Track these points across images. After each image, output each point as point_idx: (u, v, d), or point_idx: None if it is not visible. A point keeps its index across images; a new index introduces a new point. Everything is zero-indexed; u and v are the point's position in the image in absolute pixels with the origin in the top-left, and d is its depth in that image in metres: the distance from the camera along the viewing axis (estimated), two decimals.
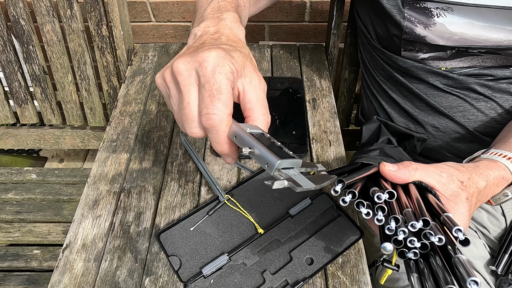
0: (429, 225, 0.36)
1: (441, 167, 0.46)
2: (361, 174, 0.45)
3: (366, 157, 0.49)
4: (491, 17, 0.56)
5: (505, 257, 0.66)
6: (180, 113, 0.38)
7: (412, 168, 0.45)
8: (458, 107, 0.65)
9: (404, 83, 0.67)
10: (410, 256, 0.38)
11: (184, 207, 0.62)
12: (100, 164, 0.68)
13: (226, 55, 0.37)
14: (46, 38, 0.91)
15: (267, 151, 0.35)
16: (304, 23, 1.28)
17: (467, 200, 0.44)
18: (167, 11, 1.25)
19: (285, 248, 0.57)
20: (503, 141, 0.55)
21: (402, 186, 0.45)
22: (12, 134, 1.05)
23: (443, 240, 0.36)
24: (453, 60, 0.62)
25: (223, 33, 0.43)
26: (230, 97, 0.37)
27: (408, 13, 0.59)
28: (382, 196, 0.39)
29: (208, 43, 0.40)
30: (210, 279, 0.54)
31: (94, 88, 0.98)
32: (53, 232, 0.89)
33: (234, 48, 0.40)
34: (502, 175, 0.49)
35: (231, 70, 0.37)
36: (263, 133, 0.39)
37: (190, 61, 0.37)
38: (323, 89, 0.82)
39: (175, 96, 0.39)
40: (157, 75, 0.40)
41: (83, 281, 0.54)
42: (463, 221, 0.44)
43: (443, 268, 0.36)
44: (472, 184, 0.46)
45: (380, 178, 0.46)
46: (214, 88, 0.36)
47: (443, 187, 0.44)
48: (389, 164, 0.45)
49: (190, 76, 0.37)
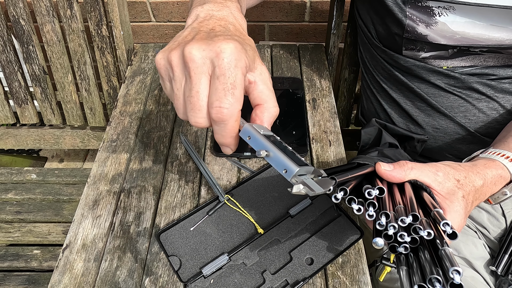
0: (419, 220, 0.37)
1: (437, 166, 0.46)
2: (355, 173, 0.46)
3: (363, 157, 0.49)
4: (493, 16, 0.56)
5: (505, 257, 0.66)
6: (186, 100, 0.37)
7: (408, 168, 0.45)
8: (459, 107, 0.65)
9: (405, 82, 0.67)
10: (400, 250, 0.39)
11: (184, 207, 0.62)
12: (100, 164, 0.68)
13: (242, 49, 0.36)
14: (46, 38, 0.91)
15: (284, 157, 0.35)
16: (304, 23, 1.28)
17: (463, 198, 0.44)
18: (167, 11, 1.25)
19: (285, 248, 0.57)
20: (502, 141, 0.55)
21: (398, 185, 0.46)
22: (12, 134, 1.05)
23: (432, 234, 0.36)
24: (455, 59, 0.62)
25: (230, 22, 0.41)
26: (242, 93, 0.36)
27: (409, 11, 0.59)
28: (373, 192, 0.40)
29: (219, 31, 0.38)
30: (210, 279, 0.54)
31: (94, 88, 0.98)
32: (53, 232, 0.89)
33: (243, 40, 0.39)
34: (500, 173, 0.49)
35: (246, 65, 0.36)
36: (274, 136, 0.39)
37: (205, 49, 0.35)
38: (323, 89, 0.82)
39: (179, 81, 0.37)
40: (160, 55, 0.38)
41: (83, 281, 0.54)
42: (459, 219, 0.44)
43: (431, 261, 0.37)
44: (468, 183, 0.46)
45: (376, 177, 0.46)
46: (229, 82, 0.35)
47: (439, 185, 0.44)
48: (385, 163, 0.46)
49: (203, 65, 0.35)
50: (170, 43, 0.39)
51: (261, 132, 0.37)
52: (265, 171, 0.65)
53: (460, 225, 0.44)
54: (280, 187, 0.63)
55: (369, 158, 0.49)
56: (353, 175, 0.45)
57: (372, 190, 0.40)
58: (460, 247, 0.66)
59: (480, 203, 0.71)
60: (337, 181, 0.41)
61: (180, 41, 0.38)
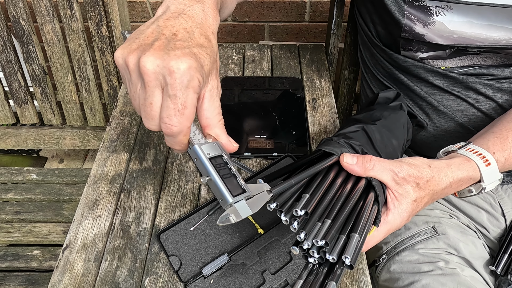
0: (328, 246, 0.41)
1: (402, 166, 0.46)
2: (316, 169, 0.47)
3: (332, 143, 0.50)
4: (491, 15, 0.56)
5: (504, 257, 0.66)
6: (141, 106, 0.38)
7: (370, 164, 0.46)
8: (458, 107, 0.65)
9: (405, 81, 0.67)
10: (310, 261, 0.43)
11: (184, 207, 0.62)
12: (100, 164, 0.68)
13: (197, 67, 0.36)
14: (46, 38, 0.91)
15: (222, 186, 0.38)
16: (304, 23, 1.28)
17: (414, 202, 0.46)
18: None
19: (285, 248, 0.57)
20: (483, 136, 0.55)
21: None
22: (12, 134, 1.05)
23: (335, 260, 0.41)
24: (453, 59, 0.62)
25: (197, 23, 0.40)
26: (193, 111, 0.38)
27: (407, 10, 0.59)
28: (299, 212, 0.43)
29: (181, 38, 0.38)
30: (210, 279, 0.54)
31: (94, 88, 0.98)
32: (53, 232, 0.89)
33: (204, 50, 0.38)
34: (471, 175, 0.50)
35: (199, 84, 0.37)
36: (222, 155, 0.41)
37: (159, 65, 0.35)
38: (323, 89, 0.82)
39: (135, 85, 0.38)
40: (119, 53, 0.38)
41: (83, 281, 0.54)
42: (398, 222, 0.46)
43: (321, 282, 0.42)
44: (428, 187, 0.47)
45: (334, 168, 0.48)
46: (180, 103, 0.36)
47: (395, 186, 0.46)
48: (348, 155, 0.47)
49: (156, 79, 0.36)
50: (131, 40, 0.38)
51: (207, 155, 0.39)
52: (265, 171, 0.65)
53: (397, 226, 0.46)
54: None
55: (337, 146, 0.49)
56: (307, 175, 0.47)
57: (298, 210, 0.43)
58: (460, 247, 0.66)
59: (480, 203, 0.71)
60: (273, 193, 0.43)
61: (140, 43, 0.37)
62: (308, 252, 0.43)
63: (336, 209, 0.44)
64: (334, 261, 0.41)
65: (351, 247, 0.41)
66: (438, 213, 0.72)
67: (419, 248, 0.66)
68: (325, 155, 0.49)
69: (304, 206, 0.43)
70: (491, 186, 0.51)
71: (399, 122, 0.61)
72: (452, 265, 0.63)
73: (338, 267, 0.42)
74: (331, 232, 0.42)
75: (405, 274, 0.65)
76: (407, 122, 0.63)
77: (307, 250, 0.43)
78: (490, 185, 0.51)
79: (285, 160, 0.67)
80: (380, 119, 0.58)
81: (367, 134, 0.54)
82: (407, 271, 0.65)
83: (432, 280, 0.61)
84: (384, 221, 0.46)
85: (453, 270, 0.62)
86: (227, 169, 0.40)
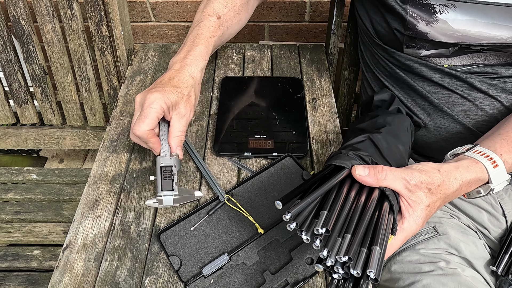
0: (351, 261, 0.41)
1: (413, 173, 0.47)
2: (329, 185, 0.47)
3: (342, 157, 0.50)
4: (494, 14, 0.56)
5: (505, 257, 0.66)
6: None
7: (382, 175, 0.47)
8: (461, 106, 0.64)
9: (407, 80, 0.67)
10: (335, 277, 0.44)
11: (184, 207, 0.62)
12: (100, 164, 0.68)
13: (162, 96, 0.57)
14: (46, 38, 0.91)
15: (159, 183, 0.59)
16: (304, 23, 1.28)
17: (427, 207, 0.47)
18: (167, 11, 1.25)
19: (285, 248, 0.57)
20: (490, 138, 0.56)
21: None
22: (12, 134, 1.05)
23: (359, 275, 0.41)
24: (456, 58, 0.62)
25: (182, 73, 0.62)
26: (152, 122, 0.57)
27: (410, 9, 0.59)
28: (320, 231, 0.43)
29: (164, 82, 0.60)
30: (210, 279, 0.54)
31: (94, 88, 0.98)
32: (53, 232, 0.89)
33: (175, 90, 0.59)
34: (479, 177, 0.51)
35: (161, 107, 0.57)
36: (172, 166, 0.59)
37: (142, 98, 0.59)
38: (323, 89, 0.82)
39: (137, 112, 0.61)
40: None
41: (83, 281, 0.54)
42: (414, 228, 0.47)
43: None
44: (440, 191, 0.48)
45: (347, 180, 0.48)
46: (143, 115, 0.57)
47: (407, 193, 0.47)
48: (360, 167, 0.48)
49: (139, 104, 0.60)
50: None
51: (161, 163, 0.59)
52: (265, 171, 0.65)
53: (413, 232, 0.47)
54: (280, 187, 0.63)
55: (347, 159, 0.50)
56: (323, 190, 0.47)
57: (319, 229, 0.43)
58: (461, 247, 0.66)
59: (481, 204, 0.71)
60: (292, 213, 0.44)
61: (151, 87, 0.62)
62: (332, 269, 0.43)
63: (354, 223, 0.45)
64: (358, 275, 0.41)
65: (374, 260, 0.41)
66: (439, 213, 0.71)
67: (420, 248, 0.66)
68: (336, 169, 0.50)
69: (324, 223, 0.44)
70: (499, 187, 0.52)
71: (403, 126, 0.61)
72: (453, 265, 0.63)
73: (363, 281, 0.42)
74: (353, 247, 0.42)
75: (406, 274, 0.64)
76: (410, 125, 0.63)
77: (331, 267, 0.43)
78: (498, 186, 0.52)
79: (285, 160, 0.67)
80: (385, 126, 0.58)
81: (374, 143, 0.54)
82: (408, 271, 0.64)
83: (433, 280, 0.61)
84: (400, 229, 0.47)
85: (454, 270, 0.62)
86: (169, 175, 0.59)
